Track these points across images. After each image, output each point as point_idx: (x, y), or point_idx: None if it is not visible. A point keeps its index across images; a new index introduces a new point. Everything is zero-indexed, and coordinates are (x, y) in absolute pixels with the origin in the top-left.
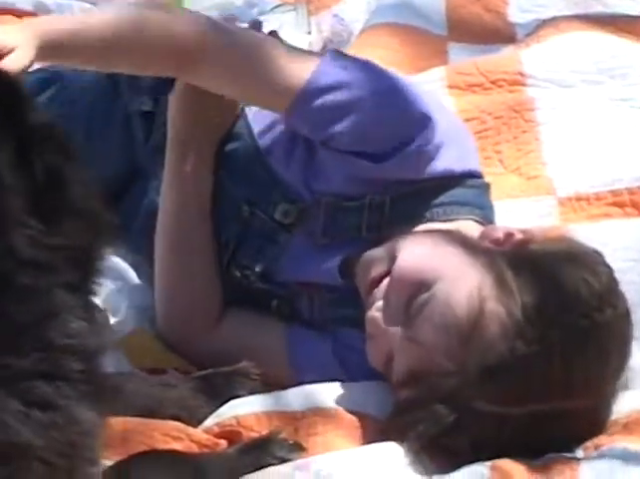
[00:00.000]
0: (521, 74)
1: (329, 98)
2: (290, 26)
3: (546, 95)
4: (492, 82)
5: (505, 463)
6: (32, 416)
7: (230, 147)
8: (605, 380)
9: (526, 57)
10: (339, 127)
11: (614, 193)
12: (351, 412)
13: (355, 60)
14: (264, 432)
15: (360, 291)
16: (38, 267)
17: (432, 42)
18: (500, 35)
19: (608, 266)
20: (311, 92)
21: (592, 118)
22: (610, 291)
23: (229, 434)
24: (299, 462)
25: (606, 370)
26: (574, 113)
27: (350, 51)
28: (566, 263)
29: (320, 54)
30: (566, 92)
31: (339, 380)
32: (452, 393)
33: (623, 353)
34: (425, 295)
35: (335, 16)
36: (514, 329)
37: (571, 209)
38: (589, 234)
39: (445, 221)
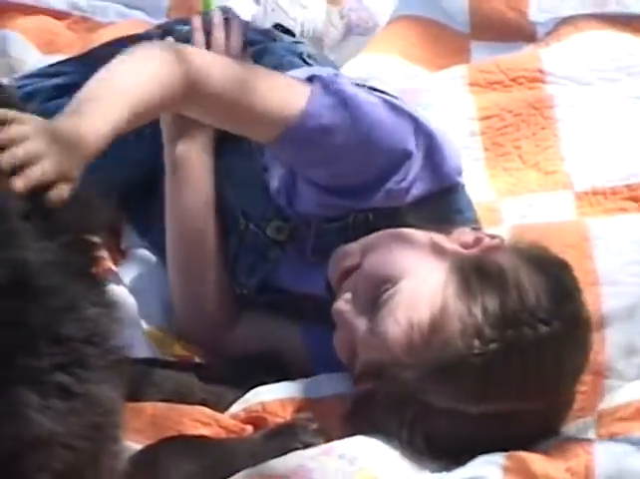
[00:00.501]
0: (541, 71)
1: (314, 140)
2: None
3: (565, 92)
4: (512, 79)
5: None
6: (52, 406)
7: (237, 159)
8: (560, 384)
9: (546, 55)
10: (321, 167)
11: (630, 187)
12: None
13: (342, 94)
14: (289, 418)
15: (331, 283)
16: (50, 266)
17: (454, 39)
18: (521, 33)
19: (572, 276)
20: (297, 132)
21: (609, 115)
22: (571, 300)
23: (255, 420)
24: (323, 447)
25: (561, 375)
26: (592, 110)
27: (373, 41)
28: (531, 272)
29: (309, 83)
30: (584, 89)
31: None
32: (408, 387)
33: (579, 360)
34: (391, 290)
35: (359, 1)
36: (473, 329)
37: (588, 203)
38: (605, 227)
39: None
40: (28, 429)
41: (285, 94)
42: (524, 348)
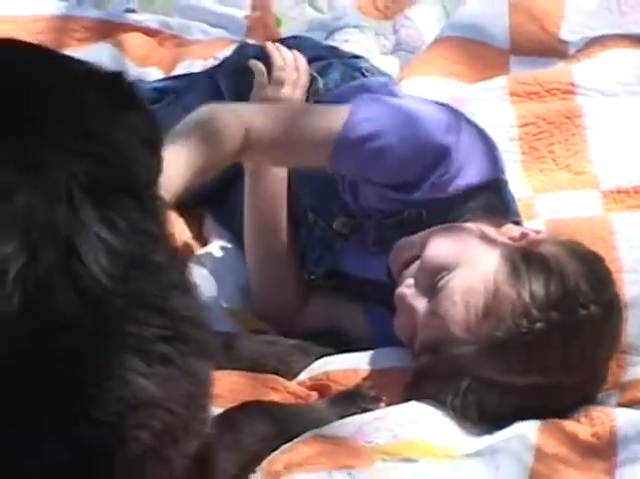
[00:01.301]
0: (572, 84)
1: (360, 149)
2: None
3: (593, 103)
4: (547, 91)
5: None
6: (155, 372)
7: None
8: (596, 361)
9: (577, 70)
10: (371, 171)
11: None
12: None
13: (382, 106)
14: (350, 386)
15: (393, 273)
16: (165, 247)
17: (495, 55)
18: (555, 51)
19: (606, 267)
20: (344, 144)
21: (633, 123)
22: (606, 288)
23: (320, 387)
24: (379, 412)
25: (599, 352)
26: (617, 118)
27: (420, 56)
28: (570, 262)
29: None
30: (611, 100)
31: None
32: (464, 362)
33: (614, 340)
34: (448, 277)
35: (407, 18)
36: (522, 310)
37: (612, 200)
38: (628, 221)
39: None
40: (133, 391)
41: (326, 118)
42: (565, 328)
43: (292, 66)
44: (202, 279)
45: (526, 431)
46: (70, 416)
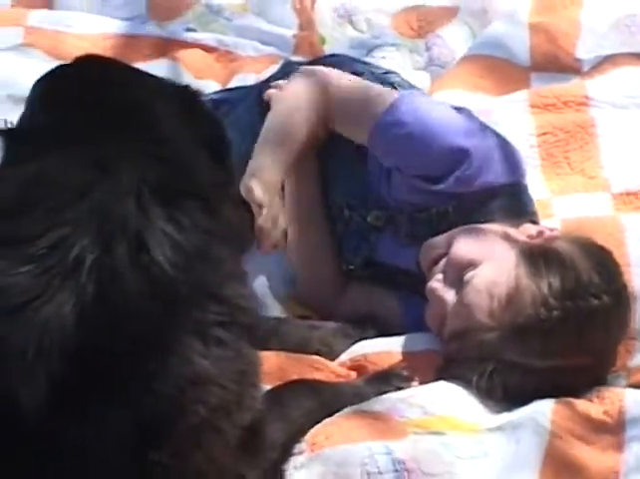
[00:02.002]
0: (586, 97)
1: (393, 134)
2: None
3: (605, 114)
4: (564, 103)
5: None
6: (212, 353)
7: (343, 163)
8: (606, 345)
9: (590, 85)
10: (399, 155)
11: None
12: None
13: (421, 102)
14: (385, 367)
15: (422, 268)
16: (225, 242)
17: (517, 72)
18: (571, 68)
19: (615, 260)
20: (381, 124)
21: None
22: (616, 280)
23: (358, 367)
24: (411, 391)
25: (609, 337)
26: (627, 128)
27: (449, 72)
28: (583, 256)
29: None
30: (621, 112)
31: None
32: (489, 347)
33: (623, 327)
34: (474, 271)
35: (438, 37)
36: (540, 300)
37: (622, 202)
38: (636, 221)
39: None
40: (193, 369)
41: (379, 99)
42: (579, 316)
43: None
44: (254, 271)
45: (543, 409)
46: (135, 389)
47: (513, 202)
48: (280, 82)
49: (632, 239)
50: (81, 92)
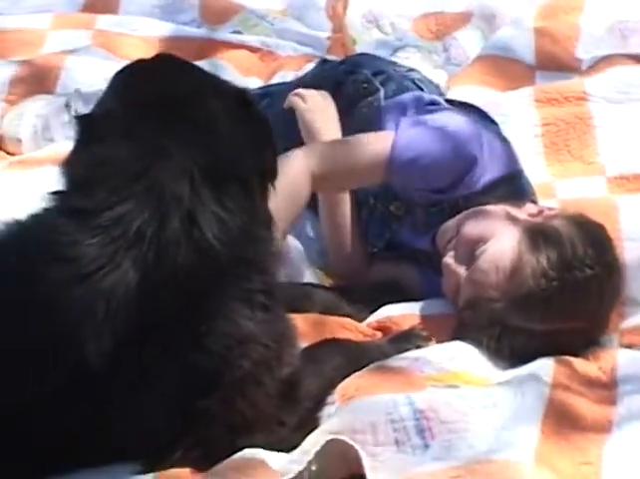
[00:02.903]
0: (584, 92)
1: (406, 170)
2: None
3: (601, 108)
4: (565, 98)
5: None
6: (256, 316)
7: None
8: (600, 310)
9: (588, 82)
10: (417, 184)
11: None
12: None
13: (419, 131)
14: (407, 328)
15: (438, 248)
16: (264, 222)
17: (524, 70)
18: (571, 67)
19: (608, 234)
20: (393, 167)
21: (633, 124)
22: (608, 253)
23: (383, 328)
24: (429, 349)
25: (602, 304)
26: (620, 120)
27: (464, 70)
28: (578, 232)
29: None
30: (615, 106)
31: None
32: (497, 314)
33: (615, 294)
34: (482, 247)
35: (454, 38)
36: (540, 272)
37: (616, 185)
38: (628, 201)
39: None
40: (238, 330)
41: (372, 146)
42: (575, 285)
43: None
44: (292, 246)
45: (545, 366)
46: (188, 346)
47: (514, 186)
48: (301, 90)
49: (624, 216)
50: (150, 85)
